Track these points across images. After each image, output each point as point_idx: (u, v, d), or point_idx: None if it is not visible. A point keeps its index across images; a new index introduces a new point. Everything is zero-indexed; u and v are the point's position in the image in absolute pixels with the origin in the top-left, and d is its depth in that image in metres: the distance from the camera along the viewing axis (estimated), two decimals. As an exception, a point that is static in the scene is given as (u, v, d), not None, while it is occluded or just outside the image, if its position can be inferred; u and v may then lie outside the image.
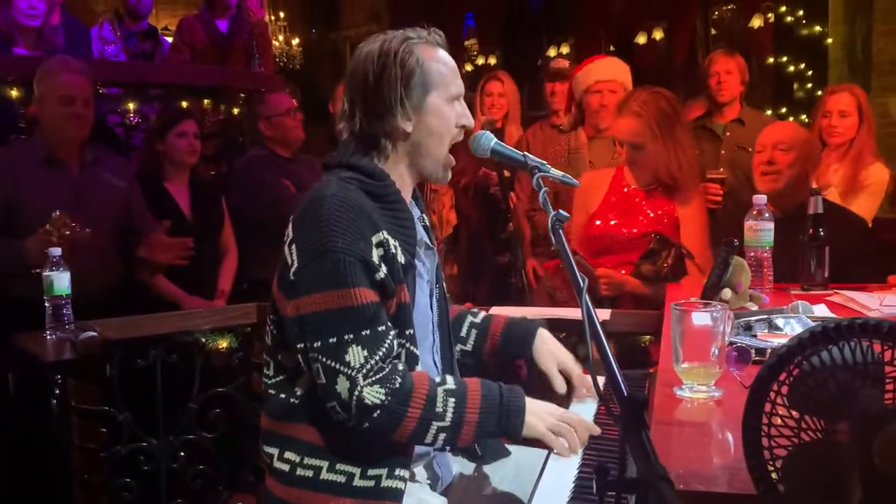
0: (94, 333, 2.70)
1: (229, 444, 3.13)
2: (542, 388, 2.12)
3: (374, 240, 1.79)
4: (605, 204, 3.39)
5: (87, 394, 2.75)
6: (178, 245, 3.69)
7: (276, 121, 4.42)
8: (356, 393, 1.70)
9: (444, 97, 1.91)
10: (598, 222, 3.37)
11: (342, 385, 1.71)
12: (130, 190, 3.78)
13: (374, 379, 1.72)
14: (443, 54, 1.94)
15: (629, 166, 3.35)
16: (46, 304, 2.79)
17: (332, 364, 1.72)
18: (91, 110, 3.59)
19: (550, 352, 2.17)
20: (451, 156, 1.97)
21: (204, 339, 3.07)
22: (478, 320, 2.26)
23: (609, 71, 4.14)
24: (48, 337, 2.77)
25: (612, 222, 3.34)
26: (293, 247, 1.80)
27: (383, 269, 1.79)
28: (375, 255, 1.78)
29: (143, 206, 3.81)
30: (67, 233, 3.05)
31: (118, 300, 3.53)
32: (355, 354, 1.72)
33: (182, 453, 3.02)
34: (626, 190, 3.38)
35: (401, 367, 1.79)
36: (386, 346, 1.76)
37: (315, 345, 1.74)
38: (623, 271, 3.23)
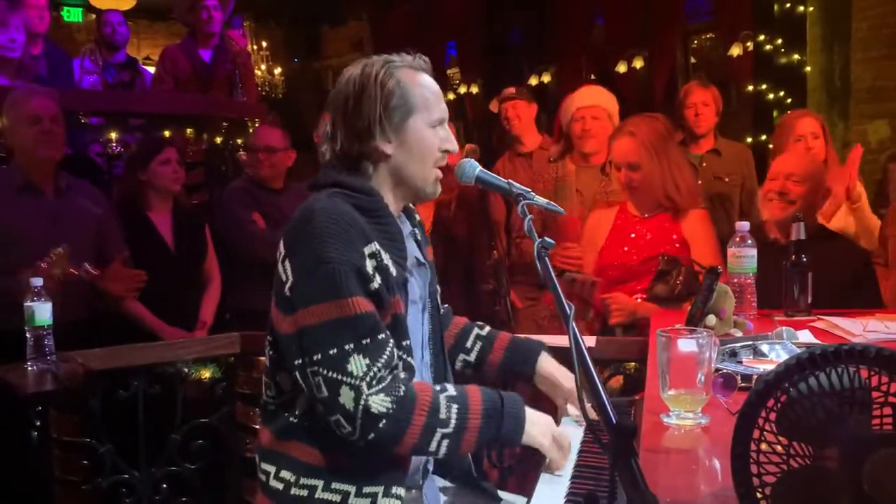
0: (76, 364, 2.68)
1: (212, 475, 3.10)
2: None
3: (367, 251, 1.77)
4: (611, 236, 3.41)
5: (69, 425, 2.72)
6: (130, 277, 3.63)
7: (253, 155, 4.41)
8: (362, 402, 1.68)
9: (427, 121, 1.90)
10: (607, 255, 3.38)
11: (346, 396, 1.69)
12: (106, 217, 3.75)
13: (378, 388, 1.70)
14: (426, 79, 1.93)
15: (628, 193, 3.37)
16: (27, 335, 2.76)
17: (335, 375, 1.70)
18: (61, 129, 3.56)
19: (554, 372, 2.19)
20: (438, 171, 1.95)
21: (187, 370, 3.05)
22: (484, 333, 2.28)
23: (591, 97, 4.18)
24: (29, 368, 2.74)
25: (623, 251, 3.35)
26: (286, 262, 1.78)
27: (377, 279, 1.77)
28: (369, 265, 1.76)
29: (117, 234, 3.77)
30: (70, 270, 3.04)
31: (97, 329, 3.49)
32: (357, 364, 1.69)
33: (165, 485, 2.98)
34: (629, 219, 3.39)
35: (402, 375, 1.78)
36: (387, 354, 1.74)
37: (315, 358, 1.71)
38: (638, 299, 3.22)
